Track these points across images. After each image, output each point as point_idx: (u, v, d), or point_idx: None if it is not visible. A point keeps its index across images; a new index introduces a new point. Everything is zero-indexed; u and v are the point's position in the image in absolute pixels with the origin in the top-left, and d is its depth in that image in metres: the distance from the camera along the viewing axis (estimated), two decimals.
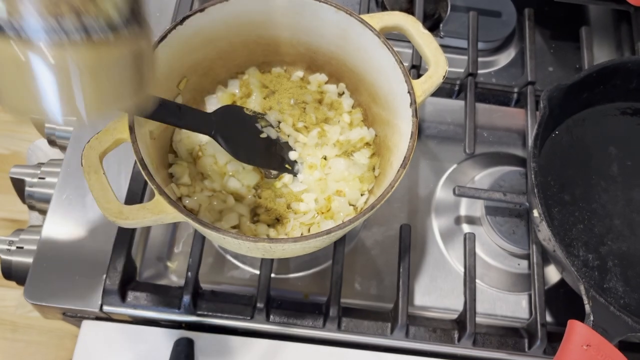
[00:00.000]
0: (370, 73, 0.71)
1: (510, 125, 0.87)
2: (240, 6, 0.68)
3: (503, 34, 0.91)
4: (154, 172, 0.61)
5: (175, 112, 0.62)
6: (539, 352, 0.70)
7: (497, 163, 0.83)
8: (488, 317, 0.75)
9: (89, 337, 0.69)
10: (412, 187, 0.81)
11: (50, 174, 0.77)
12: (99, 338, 0.69)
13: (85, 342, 0.69)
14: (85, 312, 0.70)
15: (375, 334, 0.70)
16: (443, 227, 0.79)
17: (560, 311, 0.75)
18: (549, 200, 0.74)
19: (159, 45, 0.64)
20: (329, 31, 0.70)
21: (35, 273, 0.70)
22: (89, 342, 0.69)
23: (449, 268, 0.77)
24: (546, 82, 0.90)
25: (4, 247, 0.73)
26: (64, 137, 0.80)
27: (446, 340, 0.70)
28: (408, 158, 0.61)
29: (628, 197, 0.76)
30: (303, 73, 0.77)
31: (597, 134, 0.79)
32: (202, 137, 0.71)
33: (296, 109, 0.74)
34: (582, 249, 0.72)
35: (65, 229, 0.73)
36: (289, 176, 0.70)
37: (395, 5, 0.90)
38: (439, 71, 0.67)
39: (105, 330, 0.69)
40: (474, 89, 0.83)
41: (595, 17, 0.98)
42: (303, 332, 0.70)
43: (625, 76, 0.78)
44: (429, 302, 0.75)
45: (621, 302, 0.69)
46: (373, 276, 0.76)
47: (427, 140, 0.85)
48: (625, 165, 0.78)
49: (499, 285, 0.76)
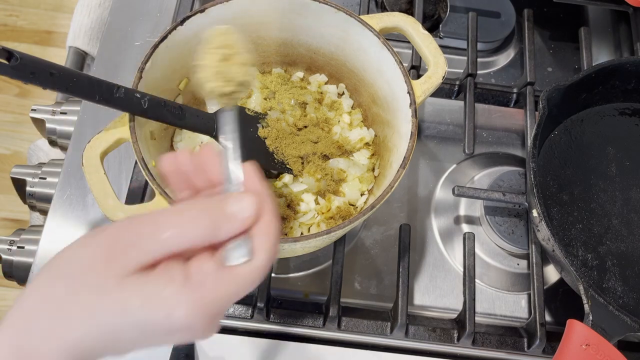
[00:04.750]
0: (370, 73, 0.71)
1: (510, 125, 0.87)
2: (240, 6, 0.68)
3: (502, 35, 0.91)
4: (155, 172, 0.61)
5: (176, 113, 0.62)
6: (538, 352, 0.70)
7: (496, 163, 0.83)
8: (487, 316, 0.75)
9: None
10: (411, 187, 0.81)
11: (51, 174, 0.77)
12: None
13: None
14: None
15: (375, 333, 0.70)
16: (442, 227, 0.79)
17: (560, 311, 0.75)
18: (548, 200, 0.74)
19: (159, 45, 0.65)
20: (329, 32, 0.71)
21: (36, 273, 0.70)
22: None
23: (448, 268, 0.77)
24: (545, 82, 0.91)
25: (5, 247, 0.73)
26: (65, 137, 0.81)
27: (446, 340, 0.71)
28: (407, 158, 0.61)
29: (626, 197, 0.76)
30: (303, 73, 0.78)
31: (596, 134, 0.79)
32: (203, 137, 0.72)
33: (296, 109, 0.74)
34: (581, 248, 0.72)
35: (66, 229, 0.73)
36: (289, 176, 0.70)
37: (395, 6, 0.91)
38: (438, 72, 0.67)
39: None
40: (473, 89, 0.83)
41: (594, 17, 0.98)
42: (303, 331, 0.70)
43: (623, 77, 0.78)
44: (428, 301, 0.75)
45: (620, 301, 0.69)
46: (373, 276, 0.76)
47: (426, 141, 0.85)
48: (624, 166, 0.78)
49: (498, 285, 0.76)
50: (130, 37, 0.85)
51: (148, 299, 0.37)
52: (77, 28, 0.94)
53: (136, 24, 0.86)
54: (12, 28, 1.86)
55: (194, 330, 0.39)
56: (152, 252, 0.38)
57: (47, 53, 1.81)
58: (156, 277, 0.38)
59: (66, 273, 0.39)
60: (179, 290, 0.37)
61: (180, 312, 0.37)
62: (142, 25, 0.86)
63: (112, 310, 0.37)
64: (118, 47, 0.84)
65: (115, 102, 0.58)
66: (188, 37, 0.67)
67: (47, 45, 1.84)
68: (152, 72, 0.64)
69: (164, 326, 0.38)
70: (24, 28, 1.86)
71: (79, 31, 0.94)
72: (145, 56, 0.64)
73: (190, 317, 0.37)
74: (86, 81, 0.56)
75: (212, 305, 0.38)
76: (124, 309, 0.37)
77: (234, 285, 0.39)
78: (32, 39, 1.84)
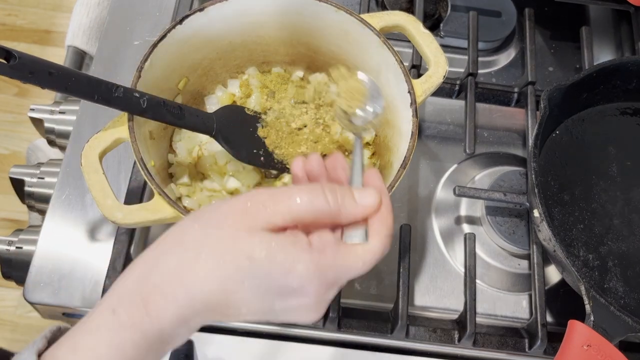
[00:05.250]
0: (370, 73, 0.71)
1: (511, 125, 0.87)
2: (240, 6, 0.68)
3: (503, 34, 0.91)
4: (154, 172, 0.61)
5: (175, 112, 0.62)
6: (540, 352, 0.70)
7: (497, 163, 0.83)
8: (488, 317, 0.75)
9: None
10: (412, 187, 0.81)
11: (49, 174, 0.77)
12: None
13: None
14: (85, 312, 0.70)
15: (375, 334, 0.70)
16: (443, 227, 0.79)
17: (561, 311, 0.75)
18: (549, 200, 0.74)
19: (158, 45, 0.64)
20: (329, 31, 0.70)
21: (35, 273, 0.70)
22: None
23: (449, 268, 0.77)
24: (546, 82, 0.90)
25: (4, 247, 0.73)
26: (64, 136, 0.80)
27: (446, 341, 0.70)
28: (408, 158, 0.61)
29: (627, 197, 0.76)
30: (303, 73, 0.77)
31: (597, 134, 0.79)
32: (202, 137, 0.71)
33: (296, 109, 0.74)
34: (582, 249, 0.72)
35: (65, 229, 0.72)
36: (289, 176, 0.70)
37: (396, 5, 0.90)
38: (439, 71, 0.67)
39: None
40: (474, 88, 0.83)
41: (595, 17, 0.98)
42: (303, 332, 0.70)
43: (625, 76, 0.78)
44: (429, 302, 0.75)
45: (621, 302, 0.69)
46: (373, 276, 0.76)
47: (427, 140, 0.85)
48: (625, 165, 0.78)
49: (499, 286, 0.76)
50: (129, 37, 0.84)
51: (273, 251, 0.40)
52: (76, 27, 0.94)
53: (135, 23, 0.85)
54: (11, 27, 1.86)
55: (306, 295, 0.41)
56: (283, 214, 0.41)
57: (46, 52, 1.81)
58: (283, 236, 0.41)
59: (204, 218, 0.42)
60: (302, 248, 0.41)
61: (300, 267, 0.40)
62: (141, 24, 0.85)
63: (238, 257, 0.40)
64: (117, 47, 0.84)
65: (114, 101, 0.57)
66: (187, 36, 0.67)
67: (46, 45, 1.83)
68: (151, 72, 0.64)
69: (281, 283, 0.40)
70: (23, 27, 1.86)
71: (77, 30, 0.94)
72: (144, 55, 0.64)
73: (307, 278, 0.40)
74: (85, 81, 0.56)
75: (328, 271, 0.41)
76: (251, 257, 0.40)
77: (350, 260, 0.42)
78: (31, 39, 1.84)
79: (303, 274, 0.40)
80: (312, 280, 0.41)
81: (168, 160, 0.71)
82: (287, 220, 0.41)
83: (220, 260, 0.40)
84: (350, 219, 0.43)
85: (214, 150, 0.70)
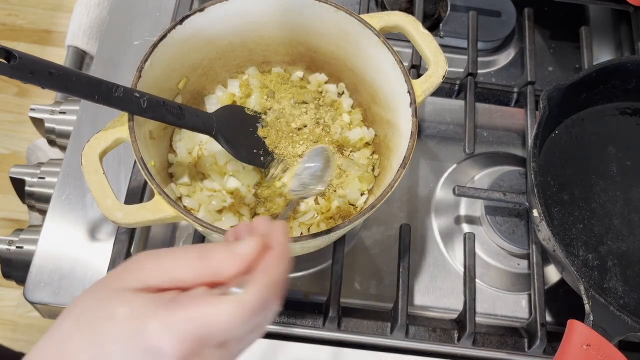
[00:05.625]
0: (370, 73, 0.71)
1: (510, 125, 0.87)
2: (240, 6, 0.68)
3: (503, 34, 0.91)
4: (154, 172, 0.61)
5: (175, 112, 0.62)
6: (539, 352, 0.70)
7: (497, 163, 0.83)
8: (488, 317, 0.75)
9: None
10: (412, 187, 0.81)
11: (50, 174, 0.77)
12: None
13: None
14: None
15: (375, 334, 0.70)
16: (443, 227, 0.79)
17: (560, 311, 0.75)
18: (548, 200, 0.74)
19: (158, 45, 0.64)
20: (329, 31, 0.70)
21: (35, 273, 0.70)
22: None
23: (449, 268, 0.77)
24: (546, 82, 0.90)
25: (4, 247, 0.73)
26: (64, 136, 0.80)
27: (446, 340, 0.70)
28: (408, 158, 0.61)
29: (627, 197, 0.76)
30: (303, 73, 0.78)
31: (597, 134, 0.79)
32: (202, 137, 0.71)
33: (296, 109, 0.74)
34: (582, 249, 0.72)
35: (65, 229, 0.73)
36: (288, 176, 0.70)
37: (395, 5, 0.91)
38: (439, 71, 0.67)
39: None
40: (474, 89, 0.83)
41: (595, 17, 0.98)
42: (303, 332, 0.70)
43: (624, 76, 0.78)
44: (429, 302, 0.75)
45: (621, 302, 0.69)
46: (373, 276, 0.76)
47: (427, 140, 0.85)
48: (625, 165, 0.78)
49: (499, 285, 0.76)
50: (130, 37, 0.85)
51: (133, 310, 0.38)
52: (76, 27, 0.94)
53: (135, 24, 0.85)
54: (11, 27, 1.86)
55: (164, 354, 0.38)
56: (161, 275, 0.40)
57: (46, 53, 1.81)
58: (149, 295, 0.39)
59: (90, 289, 0.42)
60: (158, 305, 0.38)
61: (153, 326, 0.38)
62: (141, 24, 0.85)
63: (104, 316, 0.39)
64: (117, 47, 0.84)
65: (114, 101, 0.57)
66: (187, 36, 0.67)
67: (46, 45, 1.83)
68: (151, 72, 0.64)
69: (145, 345, 0.38)
70: (24, 27, 1.86)
71: (78, 31, 0.94)
72: (145, 56, 0.64)
73: (158, 336, 0.37)
74: (85, 81, 0.56)
75: (184, 325, 0.37)
76: (112, 316, 0.38)
77: (209, 311, 0.38)
78: (31, 39, 1.84)
79: (156, 330, 0.37)
80: (164, 337, 0.37)
81: (168, 160, 0.71)
82: (166, 282, 0.40)
83: (92, 328, 0.39)
84: (232, 272, 0.40)
85: (214, 150, 0.71)
